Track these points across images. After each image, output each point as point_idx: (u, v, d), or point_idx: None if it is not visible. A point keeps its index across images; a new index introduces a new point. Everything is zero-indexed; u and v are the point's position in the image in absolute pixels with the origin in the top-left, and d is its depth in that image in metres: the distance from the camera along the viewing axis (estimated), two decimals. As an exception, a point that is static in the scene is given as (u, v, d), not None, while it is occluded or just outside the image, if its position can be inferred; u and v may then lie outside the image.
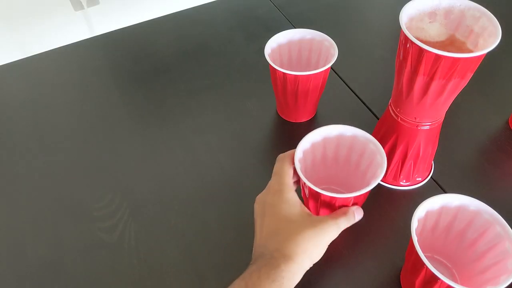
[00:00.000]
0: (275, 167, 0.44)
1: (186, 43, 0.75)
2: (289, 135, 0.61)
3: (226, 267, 0.47)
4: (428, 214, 0.41)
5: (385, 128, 0.51)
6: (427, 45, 0.37)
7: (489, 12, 0.40)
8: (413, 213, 0.39)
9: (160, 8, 0.89)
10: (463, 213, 0.41)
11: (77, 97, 0.67)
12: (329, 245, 0.40)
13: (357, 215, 0.42)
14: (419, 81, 0.41)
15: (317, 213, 0.44)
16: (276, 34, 0.58)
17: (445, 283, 0.35)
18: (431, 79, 0.40)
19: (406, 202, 0.52)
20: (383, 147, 0.51)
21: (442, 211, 0.41)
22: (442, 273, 0.35)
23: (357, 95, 0.65)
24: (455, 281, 0.42)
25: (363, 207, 0.43)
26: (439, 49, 0.36)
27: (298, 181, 0.45)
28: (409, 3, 0.41)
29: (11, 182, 0.56)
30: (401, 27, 0.39)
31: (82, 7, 1.12)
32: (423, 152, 0.50)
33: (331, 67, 0.67)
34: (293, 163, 0.43)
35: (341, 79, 0.68)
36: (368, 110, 0.63)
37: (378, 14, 0.82)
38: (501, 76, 0.68)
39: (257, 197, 0.43)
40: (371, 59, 0.72)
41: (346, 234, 0.42)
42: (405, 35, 0.38)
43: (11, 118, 0.64)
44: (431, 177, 0.55)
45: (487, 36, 0.39)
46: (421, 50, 0.38)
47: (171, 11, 0.82)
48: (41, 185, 0.56)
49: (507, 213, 0.40)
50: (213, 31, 0.78)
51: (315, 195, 0.41)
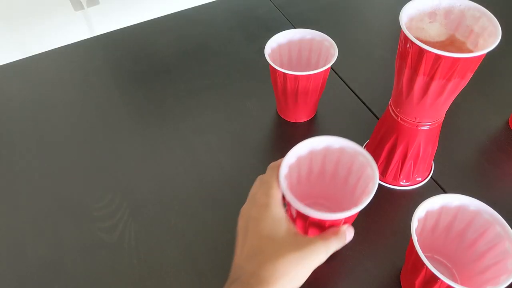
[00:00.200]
0: (264, 176, 0.40)
1: (186, 43, 0.75)
2: (289, 135, 0.61)
3: (226, 267, 0.47)
4: (428, 214, 0.41)
5: (385, 128, 0.51)
6: (427, 45, 0.37)
7: (489, 12, 0.40)
8: (413, 213, 0.39)
9: (160, 8, 0.89)
10: (463, 213, 0.41)
11: (77, 97, 0.67)
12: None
13: (348, 234, 0.38)
14: (419, 81, 0.41)
15: (305, 233, 0.40)
16: (276, 34, 0.58)
17: (445, 283, 0.35)
18: (431, 79, 0.40)
19: (406, 202, 0.53)
20: (383, 147, 0.51)
21: (442, 211, 0.41)
22: (442, 273, 0.35)
23: (357, 95, 0.65)
24: (455, 281, 0.42)
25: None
26: (439, 49, 0.36)
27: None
28: (409, 3, 0.41)
29: (11, 182, 0.56)
30: (401, 27, 0.39)
31: (82, 7, 1.12)
32: (423, 152, 0.50)
33: (331, 67, 0.67)
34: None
35: (341, 79, 0.68)
36: (368, 110, 0.63)
37: (378, 14, 0.82)
38: (501, 76, 0.68)
39: (242, 209, 0.40)
40: (371, 59, 0.72)
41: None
42: (405, 35, 0.38)
43: (11, 118, 0.64)
44: (431, 177, 0.55)
45: (487, 36, 0.39)
46: (421, 50, 0.38)
47: (171, 11, 0.82)
48: (41, 185, 0.56)
49: (507, 213, 0.40)
50: (213, 31, 0.78)
51: (303, 216, 0.37)
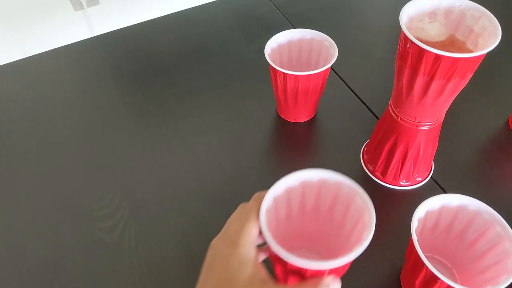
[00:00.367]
0: (246, 205, 0.35)
1: (186, 43, 0.75)
2: (289, 135, 0.61)
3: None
4: (428, 214, 0.41)
5: (385, 128, 0.51)
6: (427, 45, 0.37)
7: (489, 12, 0.40)
8: (413, 213, 0.39)
9: (160, 8, 0.90)
10: (463, 213, 0.41)
11: (77, 97, 0.67)
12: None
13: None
14: (419, 81, 0.41)
15: (284, 280, 0.35)
16: (276, 34, 0.58)
17: (445, 283, 0.35)
18: (431, 79, 0.40)
19: (406, 202, 0.53)
20: (383, 147, 0.51)
21: (442, 211, 0.41)
22: (442, 273, 0.35)
23: (357, 95, 0.65)
24: (455, 281, 0.42)
25: None
26: (439, 49, 0.36)
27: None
28: (409, 3, 0.41)
29: (11, 182, 0.56)
30: (401, 27, 0.39)
31: (82, 7, 1.12)
32: (423, 152, 0.50)
33: (331, 67, 0.67)
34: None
35: (341, 79, 0.68)
36: (368, 110, 0.63)
37: (378, 14, 0.82)
38: (501, 76, 0.68)
39: (213, 241, 0.35)
40: (371, 59, 0.72)
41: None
42: (405, 35, 0.38)
43: (11, 118, 0.64)
44: (431, 177, 0.55)
45: (487, 36, 0.39)
46: (421, 50, 0.38)
47: (171, 11, 0.82)
48: (41, 185, 0.56)
49: (507, 213, 0.40)
50: (213, 31, 0.78)
51: (282, 260, 0.32)
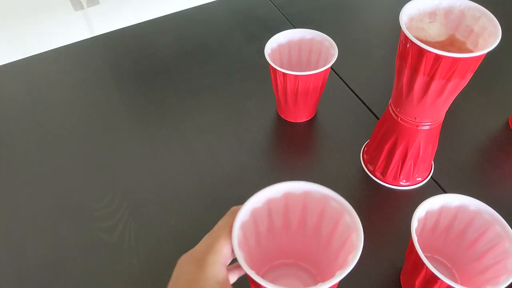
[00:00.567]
0: (219, 222, 0.32)
1: (186, 43, 0.75)
2: (289, 135, 0.61)
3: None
4: (428, 214, 0.41)
5: (385, 128, 0.51)
6: (427, 45, 0.37)
7: (489, 12, 0.40)
8: (413, 213, 0.39)
9: (160, 8, 0.90)
10: (463, 213, 0.41)
11: (77, 97, 0.67)
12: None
13: None
14: (419, 81, 0.41)
15: None
16: (276, 34, 0.58)
17: (445, 283, 0.35)
18: (431, 79, 0.40)
19: (406, 202, 0.52)
20: (383, 147, 0.51)
21: (442, 211, 0.41)
22: (442, 273, 0.35)
23: (357, 95, 0.65)
24: (455, 281, 0.42)
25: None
26: (439, 49, 0.36)
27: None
28: (409, 3, 0.41)
29: (11, 182, 0.56)
30: (401, 27, 0.39)
31: (82, 7, 1.12)
32: (423, 152, 0.50)
33: (331, 67, 0.67)
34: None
35: (341, 79, 0.68)
36: (368, 110, 0.63)
37: (378, 14, 0.82)
38: (501, 76, 0.68)
39: (182, 257, 0.32)
40: (371, 59, 0.72)
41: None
42: (405, 35, 0.38)
43: (11, 118, 0.64)
44: (431, 177, 0.55)
45: (487, 36, 0.39)
46: (421, 50, 0.38)
47: (171, 11, 0.82)
48: (41, 185, 0.56)
49: (507, 213, 0.40)
50: (213, 31, 0.78)
51: (256, 283, 0.29)
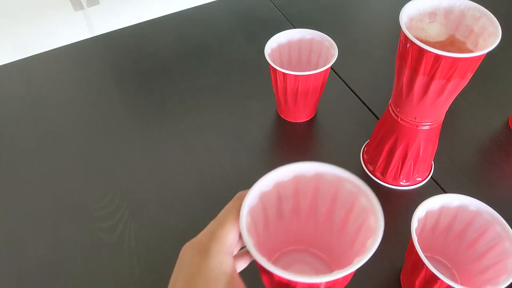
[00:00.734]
0: (224, 208, 0.30)
1: (186, 43, 0.75)
2: (289, 135, 0.61)
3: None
4: (428, 214, 0.41)
5: (385, 128, 0.51)
6: (427, 45, 0.37)
7: (489, 12, 0.40)
8: (413, 213, 0.39)
9: (160, 8, 0.89)
10: (463, 213, 0.41)
11: (77, 97, 0.67)
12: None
13: None
14: (419, 81, 0.41)
15: None
16: (276, 34, 0.58)
17: (445, 283, 0.35)
18: (431, 79, 0.40)
19: (406, 202, 0.52)
20: (383, 147, 0.51)
21: (442, 211, 0.41)
22: (442, 273, 0.35)
23: (357, 95, 0.65)
24: (455, 281, 0.42)
25: None
26: (439, 49, 0.36)
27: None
28: (409, 3, 0.41)
29: (11, 182, 0.56)
30: (401, 27, 0.39)
31: (82, 7, 1.12)
32: (423, 152, 0.50)
33: (331, 67, 0.67)
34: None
35: (341, 79, 0.68)
36: (368, 110, 0.63)
37: (378, 14, 0.82)
38: (501, 76, 0.68)
39: (185, 245, 0.30)
40: (371, 59, 0.72)
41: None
42: (405, 35, 0.38)
43: (11, 118, 0.64)
44: (431, 177, 0.55)
45: (487, 36, 0.39)
46: (421, 50, 0.38)
47: (171, 11, 0.82)
48: (41, 185, 0.56)
49: (507, 213, 0.40)
50: (213, 31, 0.78)
51: (267, 271, 0.27)
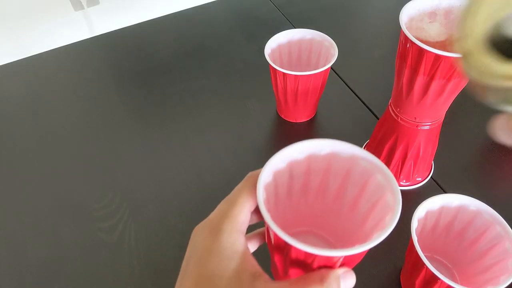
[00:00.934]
0: (235, 188, 0.29)
1: (186, 43, 0.75)
2: (289, 135, 0.61)
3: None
4: (428, 214, 0.41)
5: (385, 128, 0.51)
6: (427, 45, 0.37)
7: (489, 12, 0.40)
8: (413, 213, 0.39)
9: (160, 8, 0.89)
10: (463, 213, 0.41)
11: (77, 97, 0.67)
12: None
13: (343, 283, 0.26)
14: (419, 81, 0.41)
15: (284, 274, 0.30)
16: (276, 34, 0.58)
17: (445, 283, 0.35)
18: (431, 79, 0.40)
19: (406, 202, 0.52)
20: (383, 147, 0.51)
21: (442, 211, 0.41)
22: (442, 273, 0.35)
23: (357, 95, 0.65)
24: (455, 281, 0.42)
25: None
26: (439, 49, 0.36)
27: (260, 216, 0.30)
28: (409, 3, 0.41)
29: (11, 182, 0.56)
30: (401, 27, 0.39)
31: (82, 7, 1.12)
32: (423, 152, 0.50)
33: (331, 67, 0.67)
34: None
35: (341, 79, 0.68)
36: (368, 110, 0.63)
37: (378, 14, 0.82)
38: (501, 76, 0.68)
39: (196, 227, 0.29)
40: (371, 59, 0.72)
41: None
42: (405, 35, 0.38)
43: (11, 118, 0.64)
44: (431, 177, 0.55)
45: (487, 36, 0.39)
46: (421, 50, 0.37)
47: (171, 11, 0.82)
48: (41, 185, 0.56)
49: (507, 213, 0.40)
50: (213, 31, 0.78)
51: (282, 246, 0.26)
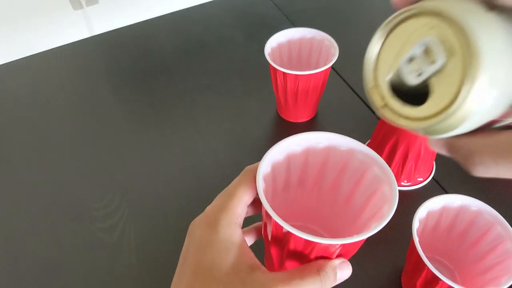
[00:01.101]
0: (232, 182, 0.30)
1: (186, 42, 0.75)
2: (289, 135, 0.60)
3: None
4: (429, 214, 0.40)
5: (386, 128, 0.50)
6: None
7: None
8: (414, 213, 0.39)
9: (159, 7, 0.89)
10: (465, 213, 0.41)
11: (77, 97, 0.67)
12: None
13: (340, 273, 0.26)
14: (420, 81, 0.41)
15: (281, 266, 0.30)
16: (276, 33, 0.57)
17: (446, 284, 0.35)
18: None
19: (407, 202, 0.52)
20: (384, 147, 0.51)
21: (443, 211, 0.41)
22: (443, 274, 0.35)
23: (358, 95, 0.65)
24: (456, 282, 0.42)
25: None
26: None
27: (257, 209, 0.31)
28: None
29: (11, 182, 0.56)
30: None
31: (81, 6, 1.12)
32: (424, 152, 0.50)
33: (332, 67, 0.67)
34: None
35: (342, 78, 0.68)
36: (369, 110, 0.63)
37: (378, 13, 0.82)
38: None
39: (193, 221, 0.29)
40: (372, 59, 0.71)
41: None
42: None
43: (11, 117, 0.64)
44: (433, 177, 0.54)
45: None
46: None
47: (171, 10, 0.82)
48: (41, 185, 0.56)
49: (509, 214, 0.40)
50: (213, 30, 0.77)
51: (281, 236, 0.26)
